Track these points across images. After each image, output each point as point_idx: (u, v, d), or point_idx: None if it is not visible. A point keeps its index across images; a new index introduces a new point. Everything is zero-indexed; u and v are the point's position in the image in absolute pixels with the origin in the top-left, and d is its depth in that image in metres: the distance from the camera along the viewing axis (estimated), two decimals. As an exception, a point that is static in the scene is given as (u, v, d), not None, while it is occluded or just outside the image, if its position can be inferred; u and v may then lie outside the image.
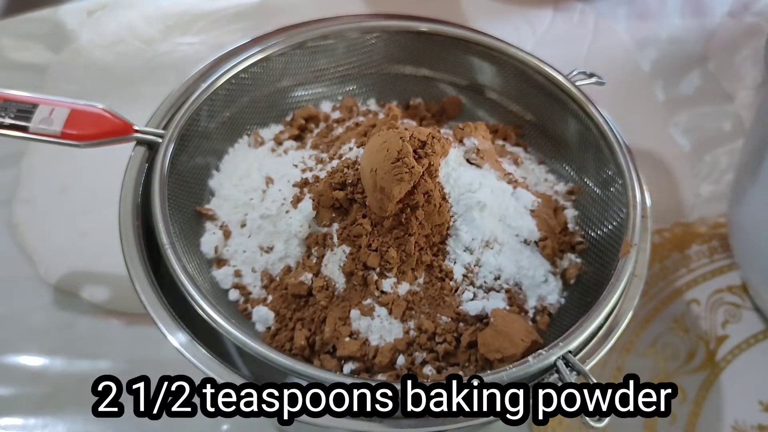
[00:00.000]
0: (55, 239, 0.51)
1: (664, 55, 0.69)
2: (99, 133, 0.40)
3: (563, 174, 0.47)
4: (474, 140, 0.42)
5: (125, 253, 0.36)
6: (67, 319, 0.48)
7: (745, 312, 0.51)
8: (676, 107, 0.64)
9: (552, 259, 0.41)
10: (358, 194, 0.38)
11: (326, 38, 0.48)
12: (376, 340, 0.37)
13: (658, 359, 0.48)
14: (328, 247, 0.39)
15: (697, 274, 0.52)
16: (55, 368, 0.45)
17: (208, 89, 0.43)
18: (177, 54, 0.65)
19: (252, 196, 0.43)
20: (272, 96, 0.48)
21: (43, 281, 0.49)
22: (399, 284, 0.38)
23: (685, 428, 0.45)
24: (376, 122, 0.44)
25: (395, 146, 0.35)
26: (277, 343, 0.38)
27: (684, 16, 0.73)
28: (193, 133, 0.43)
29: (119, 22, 0.67)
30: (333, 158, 0.42)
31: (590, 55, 0.68)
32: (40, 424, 0.43)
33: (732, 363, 0.48)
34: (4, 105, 0.40)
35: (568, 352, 0.33)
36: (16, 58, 0.64)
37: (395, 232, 0.37)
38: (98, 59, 0.64)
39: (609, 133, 0.43)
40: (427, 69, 0.51)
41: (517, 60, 0.47)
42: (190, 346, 0.33)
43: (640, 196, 0.40)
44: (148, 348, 0.45)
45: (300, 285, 0.38)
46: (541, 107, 0.48)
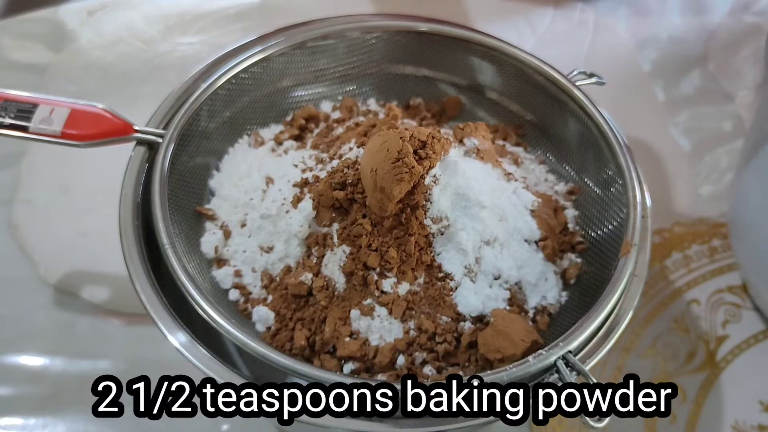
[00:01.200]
0: (55, 239, 0.51)
1: (664, 55, 0.69)
2: (99, 133, 0.40)
3: (563, 174, 0.47)
4: (474, 140, 0.42)
5: (125, 253, 0.36)
6: (67, 319, 0.48)
7: (745, 312, 0.51)
8: (676, 107, 0.64)
9: (552, 259, 0.41)
10: (358, 194, 0.38)
11: (326, 38, 0.48)
12: (376, 340, 0.37)
13: (658, 359, 0.48)
14: (328, 247, 0.39)
15: (697, 274, 0.52)
16: (55, 368, 0.45)
17: (208, 89, 0.43)
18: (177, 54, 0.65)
19: (252, 196, 0.43)
20: (272, 96, 0.48)
21: (43, 281, 0.49)
22: (399, 284, 0.38)
23: (685, 428, 0.45)
24: (376, 122, 0.44)
25: (395, 146, 0.35)
26: (277, 343, 0.38)
27: (684, 15, 0.73)
28: (193, 133, 0.43)
29: (119, 22, 0.67)
30: (333, 158, 0.42)
31: (590, 55, 0.68)
32: (40, 424, 0.43)
33: (732, 363, 0.48)
34: (4, 105, 0.40)
35: (568, 352, 0.33)
36: (16, 58, 0.64)
37: (395, 232, 0.37)
38: (98, 59, 0.64)
39: (609, 133, 0.43)
40: (428, 69, 0.51)
41: (517, 60, 0.47)
42: (190, 346, 0.33)
43: (640, 196, 0.40)
44: (148, 348, 0.45)
45: (300, 285, 0.38)
46: (542, 107, 0.48)
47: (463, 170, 0.39)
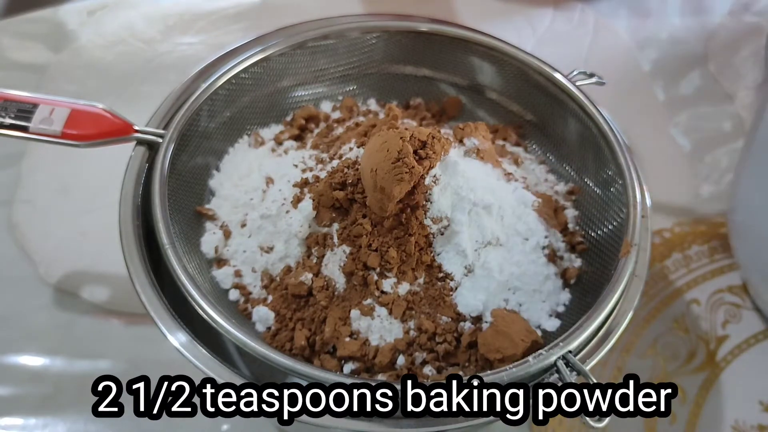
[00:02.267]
0: (55, 239, 0.51)
1: (664, 55, 0.69)
2: (99, 133, 0.40)
3: (563, 174, 0.47)
4: (474, 140, 0.42)
5: (125, 253, 0.36)
6: (67, 319, 0.48)
7: (745, 312, 0.51)
8: (676, 107, 0.64)
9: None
10: (358, 194, 0.38)
11: (326, 38, 0.48)
12: (376, 340, 0.37)
13: (659, 359, 0.48)
14: (328, 247, 0.39)
15: (697, 274, 0.52)
16: (55, 368, 0.45)
17: (208, 89, 0.43)
18: (177, 54, 0.65)
19: (252, 196, 0.43)
20: (272, 96, 0.48)
21: (43, 281, 0.49)
22: (399, 284, 0.38)
23: (685, 428, 0.45)
24: (376, 122, 0.44)
25: (395, 146, 0.35)
26: (277, 343, 0.38)
27: (684, 15, 0.73)
28: (193, 133, 0.43)
29: (119, 22, 0.67)
30: (333, 158, 0.42)
31: (590, 55, 0.68)
32: (40, 424, 0.43)
33: (732, 363, 0.48)
34: (4, 105, 0.40)
35: (568, 352, 0.33)
36: (16, 58, 0.64)
37: (395, 232, 0.37)
38: (98, 59, 0.64)
39: (609, 133, 0.43)
40: (428, 69, 0.51)
41: (517, 60, 0.47)
42: (190, 346, 0.33)
43: (640, 196, 0.40)
44: (148, 348, 0.45)
45: (300, 285, 0.38)
46: (542, 107, 0.48)
47: (463, 170, 0.39)
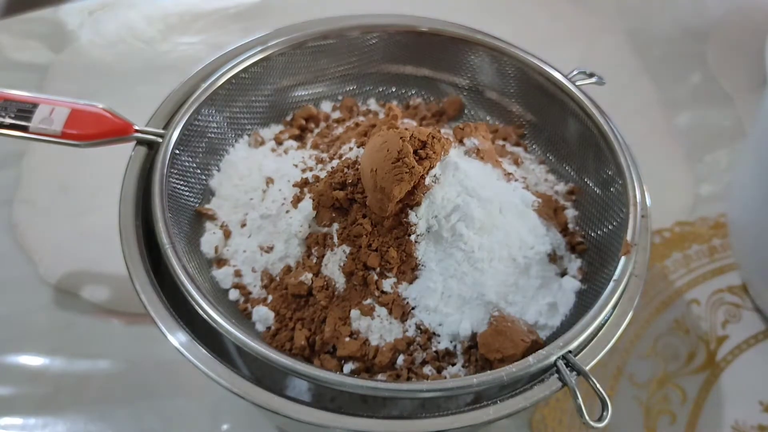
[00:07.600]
0: (55, 239, 0.51)
1: (664, 55, 0.69)
2: (99, 133, 0.40)
3: (563, 174, 0.47)
4: (474, 140, 0.42)
5: (125, 253, 0.36)
6: (67, 319, 0.48)
7: (745, 312, 0.51)
8: (676, 107, 0.64)
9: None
10: (358, 194, 0.38)
11: (326, 38, 0.48)
12: (376, 340, 0.37)
13: (659, 359, 0.48)
14: (328, 247, 0.39)
15: (697, 274, 0.52)
16: (55, 368, 0.45)
17: (208, 89, 0.43)
18: (177, 54, 0.65)
19: (252, 196, 0.43)
20: (272, 96, 0.48)
21: (43, 281, 0.49)
22: (399, 284, 0.38)
23: (685, 428, 0.45)
24: (376, 122, 0.44)
25: (395, 146, 0.35)
26: (277, 343, 0.38)
27: (684, 15, 0.73)
28: (193, 133, 0.43)
29: (119, 22, 0.67)
30: (333, 158, 0.42)
31: (590, 55, 0.68)
32: (40, 424, 0.43)
33: (732, 363, 0.48)
34: (4, 105, 0.40)
35: (568, 352, 0.33)
36: (16, 58, 0.64)
37: (395, 232, 0.37)
38: (98, 59, 0.64)
39: (609, 133, 0.43)
40: (428, 69, 0.51)
41: (517, 60, 0.47)
42: (190, 346, 0.33)
43: (640, 196, 0.40)
44: (148, 348, 0.45)
45: (300, 285, 0.38)
46: (541, 107, 0.48)
47: (464, 170, 0.39)
